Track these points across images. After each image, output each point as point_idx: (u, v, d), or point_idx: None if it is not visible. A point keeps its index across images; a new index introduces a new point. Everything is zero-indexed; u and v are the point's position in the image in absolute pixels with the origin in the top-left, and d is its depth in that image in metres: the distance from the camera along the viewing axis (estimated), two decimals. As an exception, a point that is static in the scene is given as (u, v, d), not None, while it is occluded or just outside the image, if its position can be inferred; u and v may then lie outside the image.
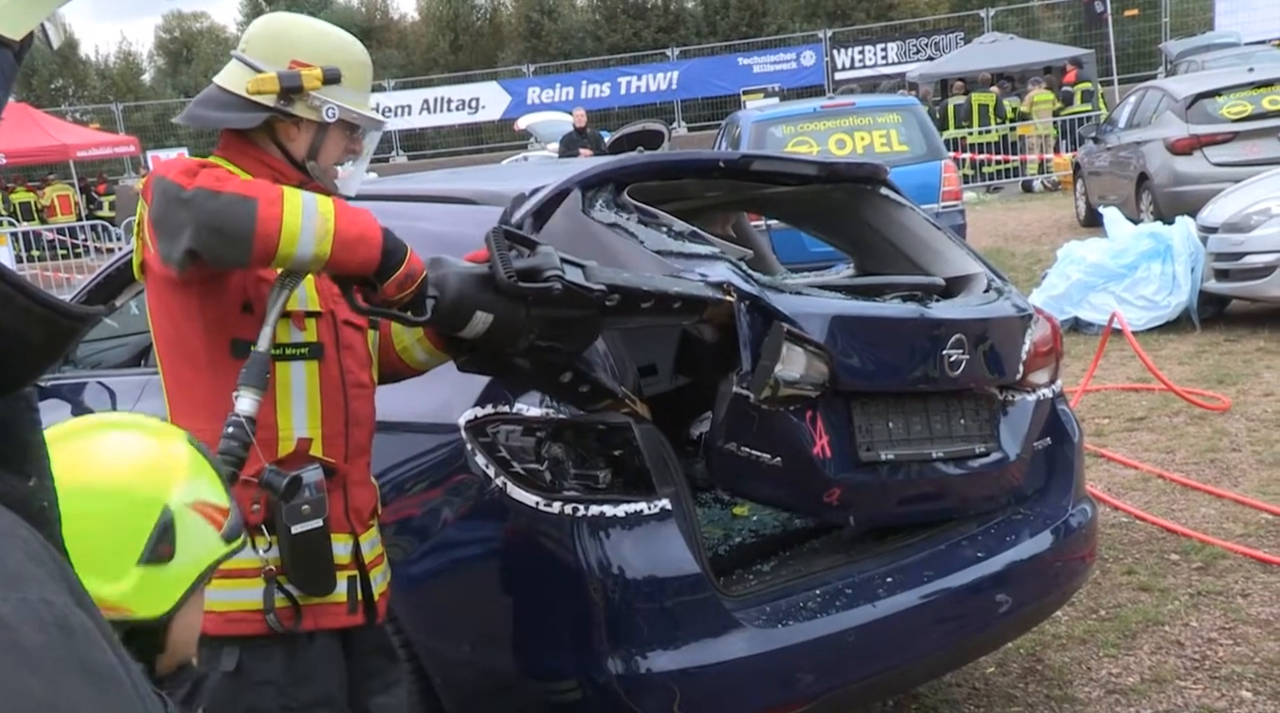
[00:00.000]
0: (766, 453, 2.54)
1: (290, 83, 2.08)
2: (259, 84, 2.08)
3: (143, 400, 3.63)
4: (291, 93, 2.09)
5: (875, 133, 9.80)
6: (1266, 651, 3.51)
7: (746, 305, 2.50)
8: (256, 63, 2.12)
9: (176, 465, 1.51)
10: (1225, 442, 5.50)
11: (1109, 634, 3.70)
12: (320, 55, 2.13)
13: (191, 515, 1.47)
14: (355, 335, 2.25)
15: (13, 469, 0.66)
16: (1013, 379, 3.02)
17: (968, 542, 2.88)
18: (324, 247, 1.90)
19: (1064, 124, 18.90)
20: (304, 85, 2.09)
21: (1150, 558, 4.26)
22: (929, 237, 3.31)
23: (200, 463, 1.54)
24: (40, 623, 0.56)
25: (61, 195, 23.87)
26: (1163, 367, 6.62)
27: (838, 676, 2.59)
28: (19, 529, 0.61)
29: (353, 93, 2.16)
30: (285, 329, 2.10)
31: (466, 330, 2.05)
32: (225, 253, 1.90)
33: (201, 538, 1.48)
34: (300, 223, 1.88)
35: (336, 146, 2.18)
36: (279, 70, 2.09)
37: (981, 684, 3.49)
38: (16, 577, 0.57)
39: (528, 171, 3.94)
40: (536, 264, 2.05)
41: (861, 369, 2.67)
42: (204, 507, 1.50)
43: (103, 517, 1.43)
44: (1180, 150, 10.61)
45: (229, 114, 2.12)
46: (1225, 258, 7.68)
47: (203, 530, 1.48)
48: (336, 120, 2.13)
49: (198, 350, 2.11)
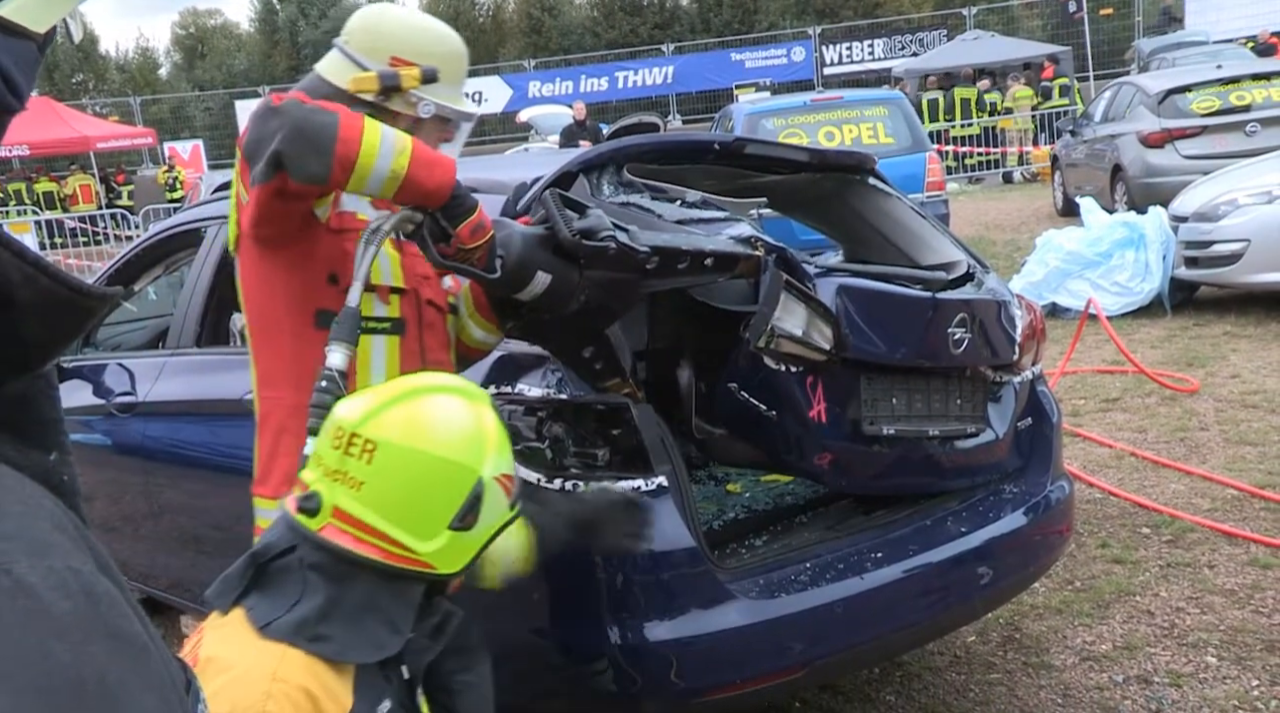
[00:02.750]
0: (764, 404, 2.54)
1: (390, 82, 2.08)
2: (360, 83, 2.08)
3: (160, 381, 3.62)
4: (391, 91, 2.09)
5: (863, 125, 9.76)
6: (1231, 619, 3.52)
7: (773, 258, 2.49)
8: (358, 56, 2.11)
9: (489, 438, 1.59)
10: (1194, 421, 5.50)
11: (1083, 604, 3.70)
12: (420, 52, 2.12)
13: (495, 487, 1.56)
14: (438, 316, 2.24)
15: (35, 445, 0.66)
16: (1008, 360, 3.01)
17: (952, 517, 2.88)
18: (401, 161, 1.88)
19: (1042, 118, 18.86)
20: (403, 85, 2.09)
21: (1123, 532, 4.26)
22: (916, 225, 3.29)
23: (503, 434, 1.62)
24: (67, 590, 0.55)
25: (83, 185, 23.77)
26: (1135, 350, 6.62)
27: (827, 645, 2.58)
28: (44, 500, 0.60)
29: (448, 88, 2.16)
30: (369, 303, 2.08)
31: (526, 292, 2.04)
32: (308, 161, 1.85)
33: (498, 506, 1.58)
34: (380, 136, 1.87)
35: (430, 136, 2.16)
36: (380, 69, 2.09)
37: (963, 653, 3.50)
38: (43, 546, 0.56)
39: (529, 161, 3.91)
40: (593, 225, 2.05)
41: (868, 341, 2.66)
42: (503, 479, 1.58)
43: (428, 481, 1.52)
44: (1152, 143, 10.59)
45: None
46: (1195, 246, 7.68)
47: (499, 500, 1.58)
48: (432, 115, 2.13)
49: (283, 321, 2.11)
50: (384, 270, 2.13)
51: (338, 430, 1.55)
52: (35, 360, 0.65)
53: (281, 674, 1.41)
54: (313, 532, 1.52)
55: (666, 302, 2.86)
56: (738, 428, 2.70)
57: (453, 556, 1.54)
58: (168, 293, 4.41)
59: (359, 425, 1.53)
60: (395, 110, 2.11)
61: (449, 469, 1.52)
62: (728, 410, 2.62)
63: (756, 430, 2.63)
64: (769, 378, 2.53)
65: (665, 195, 2.61)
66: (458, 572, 1.56)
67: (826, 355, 2.57)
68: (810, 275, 2.59)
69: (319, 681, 1.42)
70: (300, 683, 1.41)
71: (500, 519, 1.58)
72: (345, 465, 1.52)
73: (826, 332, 2.56)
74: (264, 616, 1.47)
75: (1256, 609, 3.56)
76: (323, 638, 1.46)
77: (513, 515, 1.62)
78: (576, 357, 2.32)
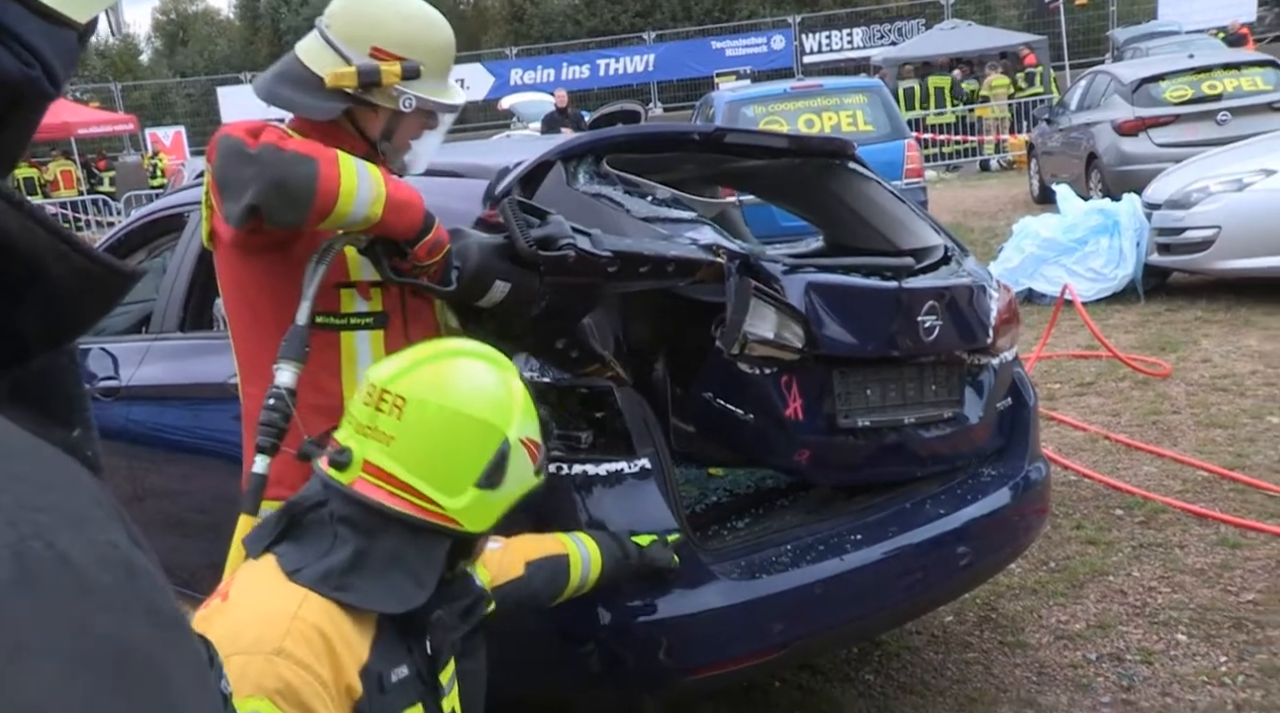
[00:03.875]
0: (739, 408, 2.53)
1: (369, 79, 2.00)
2: (338, 79, 2.00)
3: (144, 366, 3.59)
4: (371, 86, 2.01)
5: (842, 113, 9.76)
6: (1201, 597, 3.55)
7: (736, 264, 2.48)
8: (338, 43, 2.02)
9: (516, 401, 1.61)
10: (1166, 405, 5.54)
11: (1058, 585, 3.73)
12: (403, 44, 2.03)
13: (520, 449, 1.59)
14: (424, 304, 2.19)
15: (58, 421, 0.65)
16: (984, 344, 3.02)
17: (931, 500, 2.88)
18: (377, 207, 1.87)
19: (1019, 106, 18.91)
20: (383, 83, 2.01)
21: (1097, 513, 4.29)
22: (895, 210, 3.29)
23: (529, 400, 1.64)
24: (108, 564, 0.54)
25: (64, 171, 23.51)
26: (1110, 335, 6.66)
27: (807, 625, 2.59)
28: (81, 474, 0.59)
29: (433, 81, 2.07)
30: (350, 299, 2.05)
31: (485, 300, 2.02)
32: (285, 211, 1.84)
33: (523, 470, 1.60)
34: (357, 183, 1.85)
35: (411, 129, 2.11)
36: (359, 64, 2.00)
37: (940, 632, 3.52)
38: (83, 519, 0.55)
39: (511, 146, 3.90)
40: (551, 232, 2.04)
41: (839, 336, 2.66)
42: (529, 443, 1.61)
43: (455, 438, 1.55)
44: (1127, 132, 10.64)
45: (307, 100, 2.04)
46: (1167, 233, 7.72)
47: (525, 463, 1.60)
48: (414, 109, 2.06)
49: (266, 319, 2.06)
50: (364, 263, 2.08)
51: (370, 388, 1.59)
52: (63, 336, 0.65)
53: (302, 614, 1.45)
54: (344, 485, 1.55)
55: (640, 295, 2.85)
56: (716, 433, 2.69)
57: (479, 514, 1.57)
58: (151, 278, 4.38)
59: (390, 382, 1.58)
60: (376, 103, 2.04)
61: (476, 427, 1.56)
62: (705, 418, 2.60)
63: (735, 434, 2.62)
64: (744, 382, 2.53)
65: (637, 190, 2.60)
66: (484, 531, 1.59)
67: (800, 353, 2.57)
68: (777, 276, 2.57)
69: (335, 625, 1.45)
70: (316, 623, 1.45)
71: (526, 483, 1.61)
72: (376, 421, 1.56)
73: (798, 330, 2.56)
74: (293, 563, 1.51)
75: (1225, 588, 3.60)
76: (347, 588, 1.49)
77: (539, 483, 1.65)
78: (550, 351, 2.31)
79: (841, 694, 3.18)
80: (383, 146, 2.09)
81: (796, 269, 2.66)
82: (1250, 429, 5.04)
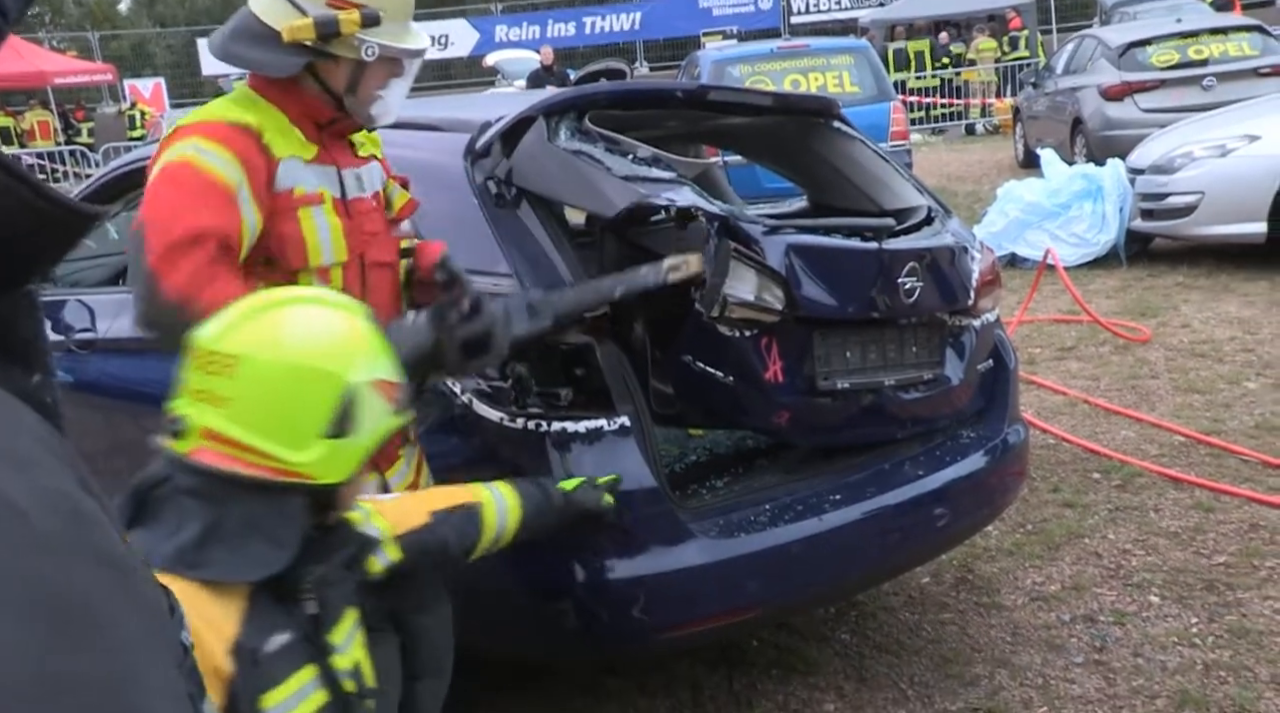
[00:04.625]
0: (719, 371, 2.51)
1: (327, 29, 1.93)
2: (294, 32, 1.93)
3: (120, 318, 3.54)
4: (330, 37, 1.94)
5: (828, 74, 9.69)
6: (1174, 560, 3.58)
7: (716, 226, 2.46)
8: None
9: (359, 343, 1.53)
10: (1145, 370, 5.57)
11: (1034, 547, 3.76)
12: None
13: (369, 392, 1.50)
14: (383, 275, 2.16)
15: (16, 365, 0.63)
16: (966, 306, 3.00)
17: (910, 461, 2.89)
18: None
19: (1005, 70, 18.83)
20: (342, 32, 1.94)
21: (1074, 477, 4.32)
22: (879, 170, 3.26)
23: (378, 340, 1.56)
24: (54, 508, 0.52)
25: (41, 121, 23.15)
26: (1091, 300, 6.67)
27: (784, 584, 2.60)
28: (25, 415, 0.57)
29: (394, 25, 2.00)
30: (309, 281, 2.00)
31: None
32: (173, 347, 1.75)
33: (377, 412, 1.52)
34: None
35: (376, 78, 2.04)
36: (316, 15, 1.93)
37: (917, 593, 3.54)
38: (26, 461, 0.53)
39: (493, 101, 3.84)
40: (484, 328, 2.02)
41: (819, 297, 2.64)
42: (380, 383, 1.53)
43: (293, 391, 1.47)
44: (1112, 96, 10.61)
45: (265, 57, 1.97)
46: (1151, 198, 7.72)
47: (378, 405, 1.52)
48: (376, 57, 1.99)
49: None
50: (324, 247, 2.04)
51: (197, 351, 1.49)
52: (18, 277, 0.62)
53: None
54: (183, 456, 1.47)
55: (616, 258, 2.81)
56: (696, 398, 2.67)
57: (334, 464, 1.49)
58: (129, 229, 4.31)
59: (217, 342, 1.48)
60: (337, 54, 1.98)
61: (313, 376, 1.47)
62: (685, 381, 2.57)
63: (714, 397, 2.60)
64: (724, 345, 2.51)
65: (618, 148, 2.56)
66: (343, 481, 1.51)
67: (779, 315, 2.55)
68: (756, 237, 2.54)
69: (197, 610, 1.37)
70: None
71: (384, 425, 1.54)
72: (208, 385, 1.46)
73: (778, 292, 2.54)
74: (146, 548, 1.41)
75: (1198, 551, 3.63)
76: (202, 564, 1.42)
77: (403, 421, 1.58)
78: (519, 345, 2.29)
79: (818, 654, 3.20)
80: (348, 100, 2.04)
81: (777, 230, 2.63)
82: (1227, 395, 5.07)
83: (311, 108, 2.05)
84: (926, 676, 3.05)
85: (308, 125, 2.06)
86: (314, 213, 2.03)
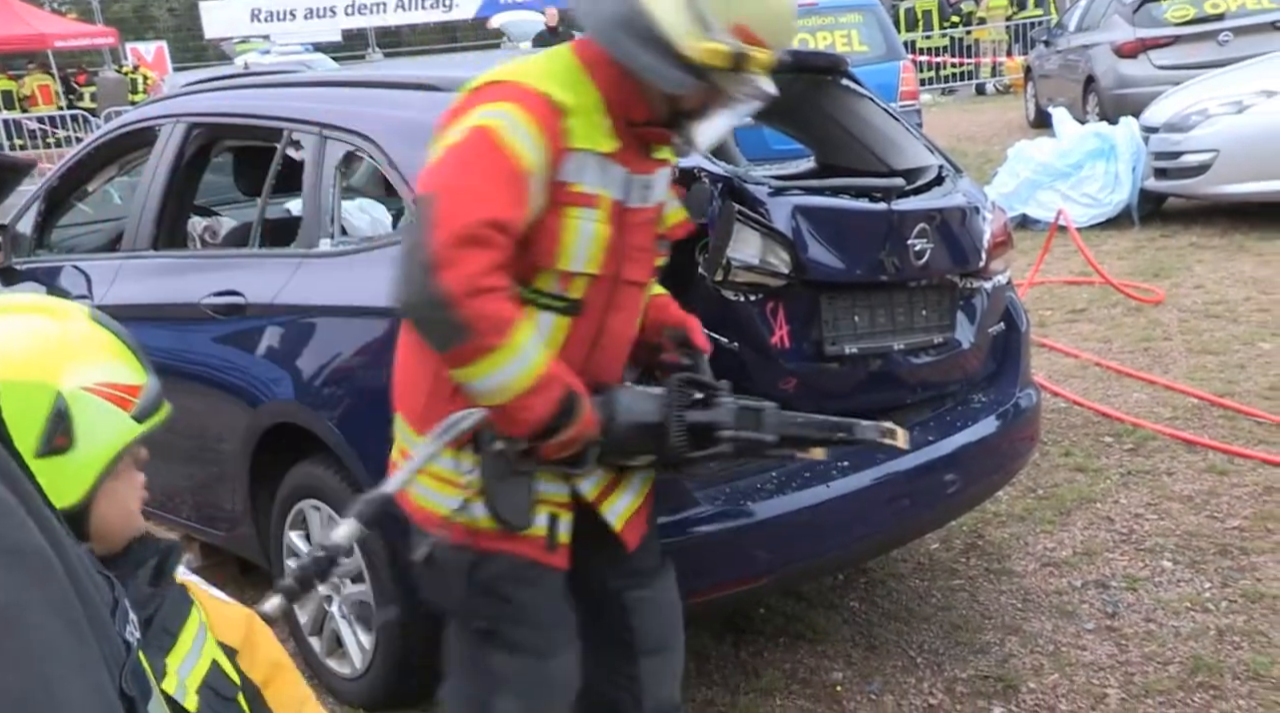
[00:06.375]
0: (724, 336, 2.46)
1: (740, 64, 1.75)
2: (711, 55, 1.74)
3: (116, 284, 3.50)
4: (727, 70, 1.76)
5: (837, 33, 9.56)
6: (1187, 524, 3.54)
7: (720, 187, 2.39)
8: (705, 10, 1.75)
9: (69, 346, 1.29)
10: (1158, 332, 5.50)
11: (1045, 512, 3.71)
12: (765, 27, 1.78)
13: (90, 400, 1.27)
14: (632, 295, 1.98)
15: None
16: (977, 267, 2.93)
17: (920, 426, 2.83)
18: (493, 400, 1.72)
19: (1016, 28, 18.56)
20: (748, 68, 1.77)
21: (1086, 440, 4.27)
22: (889, 128, 3.18)
23: (102, 340, 1.32)
24: None
25: (42, 85, 22.98)
26: (1103, 261, 6.59)
27: (792, 552, 2.56)
28: None
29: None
30: (549, 280, 1.83)
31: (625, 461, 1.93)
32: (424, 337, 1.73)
33: (105, 419, 1.28)
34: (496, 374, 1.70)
35: (722, 105, 1.87)
36: (733, 47, 1.75)
37: (926, 560, 3.50)
38: None
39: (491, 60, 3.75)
40: (713, 420, 1.87)
41: (827, 260, 2.57)
42: (104, 387, 1.29)
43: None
44: (1126, 53, 10.44)
45: (659, 66, 1.76)
46: (1164, 157, 7.60)
47: (104, 411, 1.28)
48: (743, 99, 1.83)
49: None
50: (578, 254, 1.83)
51: None
52: None
53: None
54: None
55: None
56: None
57: (59, 487, 1.24)
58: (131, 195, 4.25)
59: None
60: (715, 83, 1.79)
61: (10, 392, 1.23)
62: None
63: (719, 363, 2.54)
64: (729, 310, 2.45)
65: None
66: (77, 502, 1.27)
67: (786, 279, 2.49)
68: (762, 199, 2.47)
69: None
70: None
71: (120, 434, 1.30)
72: None
73: (784, 255, 2.47)
74: None
75: (1211, 515, 3.59)
76: None
77: (154, 423, 1.34)
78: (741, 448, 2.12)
79: (826, 621, 3.17)
80: (683, 119, 1.88)
81: (782, 192, 2.56)
82: (1241, 356, 5.00)
83: (636, 108, 1.85)
84: (936, 643, 3.02)
85: (620, 119, 1.86)
86: (582, 216, 1.82)
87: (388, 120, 2.85)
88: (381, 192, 3.93)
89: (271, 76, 4.12)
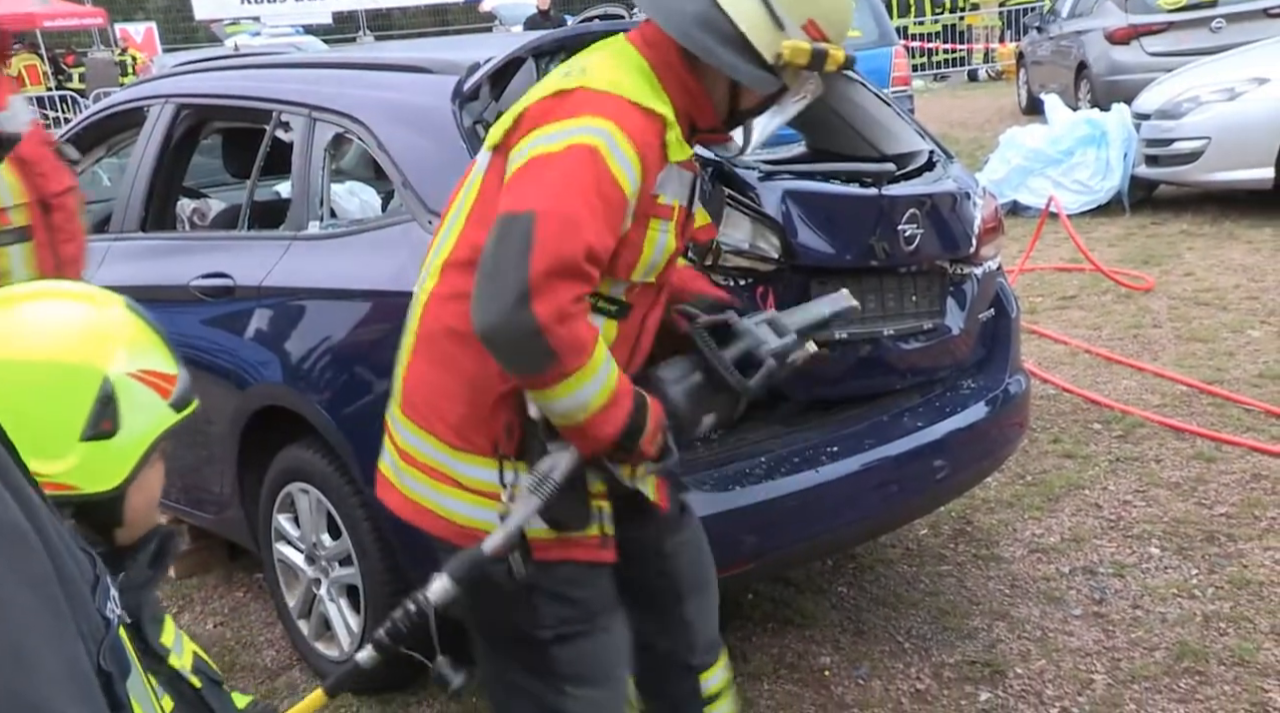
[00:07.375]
0: None
1: (820, 63, 1.73)
2: (795, 53, 1.71)
3: (104, 266, 3.47)
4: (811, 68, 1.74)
5: (829, 17, 9.50)
6: (1174, 511, 3.55)
7: (709, 172, 2.38)
8: (778, 8, 1.72)
9: (114, 332, 1.32)
10: (1148, 319, 5.51)
11: (1034, 498, 3.72)
12: (832, 24, 1.77)
13: (133, 385, 1.31)
14: (662, 293, 1.95)
15: None
16: (967, 253, 2.93)
17: (909, 412, 2.84)
18: (572, 419, 1.68)
19: (1010, 14, 18.52)
20: (824, 68, 1.75)
21: (1075, 427, 4.28)
22: (880, 113, 3.17)
23: (143, 329, 1.35)
24: None
25: (29, 65, 22.75)
26: (1094, 248, 6.59)
27: (780, 537, 2.56)
28: None
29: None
30: (614, 287, 1.78)
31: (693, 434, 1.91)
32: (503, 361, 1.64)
33: (147, 406, 1.32)
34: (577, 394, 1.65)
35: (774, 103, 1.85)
36: (814, 44, 1.72)
37: (914, 545, 3.51)
38: None
39: (482, 42, 3.73)
40: (747, 345, 1.87)
41: (817, 245, 2.57)
42: (148, 375, 1.33)
43: (39, 392, 1.26)
44: (1118, 40, 10.42)
45: (744, 66, 1.73)
46: (1156, 144, 7.60)
47: (147, 399, 1.32)
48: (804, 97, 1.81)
49: None
50: (650, 266, 1.81)
51: None
52: None
53: None
54: None
55: None
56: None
57: (100, 470, 1.29)
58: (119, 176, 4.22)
59: None
60: (786, 81, 1.77)
61: (61, 374, 1.27)
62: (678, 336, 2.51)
63: None
64: None
65: None
66: (116, 487, 1.30)
67: (776, 263, 2.48)
68: (752, 183, 2.46)
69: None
70: None
71: (158, 421, 1.33)
72: None
73: (774, 240, 2.46)
74: None
75: (1199, 501, 3.60)
76: None
77: (187, 414, 1.37)
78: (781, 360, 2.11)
79: (814, 607, 3.17)
80: (744, 118, 1.86)
81: (772, 176, 2.55)
82: (1230, 343, 5.02)
83: (703, 110, 1.81)
84: (924, 628, 3.03)
85: (686, 123, 1.80)
86: (661, 227, 1.78)
87: (377, 102, 2.83)
88: (371, 174, 3.91)
89: (261, 58, 4.09)
